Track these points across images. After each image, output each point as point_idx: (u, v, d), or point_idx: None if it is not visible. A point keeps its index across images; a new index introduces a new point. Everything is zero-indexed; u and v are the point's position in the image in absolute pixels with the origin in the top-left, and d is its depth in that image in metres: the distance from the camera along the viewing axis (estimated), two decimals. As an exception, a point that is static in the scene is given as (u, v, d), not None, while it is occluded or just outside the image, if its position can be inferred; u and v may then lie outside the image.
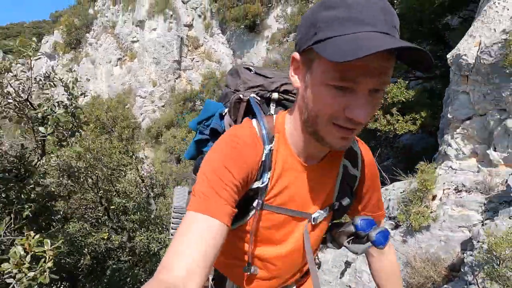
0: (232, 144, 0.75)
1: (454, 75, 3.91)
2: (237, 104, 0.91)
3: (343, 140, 0.67)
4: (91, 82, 37.99)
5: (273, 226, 0.85)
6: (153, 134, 22.05)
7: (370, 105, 0.61)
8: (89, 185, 3.56)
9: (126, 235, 4.07)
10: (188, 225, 0.63)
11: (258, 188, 0.78)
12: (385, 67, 0.58)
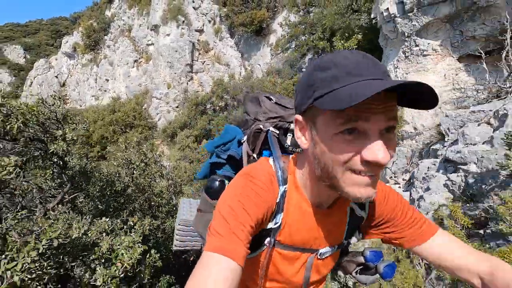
0: (250, 185, 0.77)
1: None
2: (257, 134, 0.98)
3: (366, 188, 0.64)
4: (110, 82, 40.71)
5: (283, 262, 0.88)
6: (168, 134, 24.51)
7: (385, 144, 0.61)
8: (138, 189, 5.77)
9: (160, 221, 6.35)
10: (207, 266, 0.64)
11: (271, 228, 0.81)
12: (390, 106, 0.60)
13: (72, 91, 50.50)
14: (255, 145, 0.99)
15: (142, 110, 29.66)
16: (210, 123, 20.99)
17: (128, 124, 27.10)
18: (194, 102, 22.41)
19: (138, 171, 4.41)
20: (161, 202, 6.28)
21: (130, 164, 4.32)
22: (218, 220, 0.71)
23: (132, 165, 4.32)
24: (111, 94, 38.94)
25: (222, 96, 21.97)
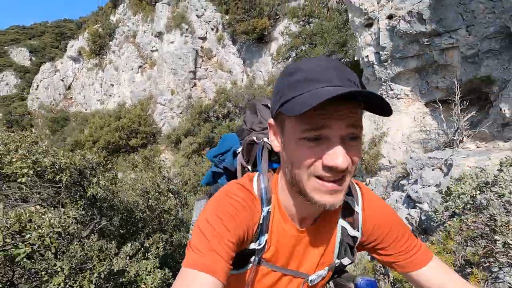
0: (228, 202, 0.76)
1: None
2: (250, 146, 0.97)
3: (331, 196, 0.65)
4: (115, 87, 41.63)
5: (269, 283, 0.85)
6: (172, 140, 25.32)
7: (347, 150, 0.62)
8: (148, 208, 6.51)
9: (168, 234, 7.10)
10: (185, 282, 0.64)
11: (254, 249, 0.80)
12: (350, 113, 0.61)
13: (77, 94, 51.53)
14: (249, 157, 0.98)
15: (147, 116, 30.48)
16: (213, 131, 21.76)
17: (134, 130, 27.93)
18: (197, 111, 23.18)
19: (153, 200, 5.17)
20: (169, 218, 7.03)
21: (146, 194, 5.08)
22: (198, 237, 0.71)
23: (148, 195, 5.08)
24: (116, 99, 39.88)
25: (225, 105, 22.71)
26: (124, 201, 4.72)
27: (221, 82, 31.27)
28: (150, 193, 5.13)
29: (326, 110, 0.59)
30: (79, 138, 30.67)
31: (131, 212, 4.68)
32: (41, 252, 2.35)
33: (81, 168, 3.54)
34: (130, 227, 4.70)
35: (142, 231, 4.87)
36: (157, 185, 5.37)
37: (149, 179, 5.40)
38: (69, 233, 2.59)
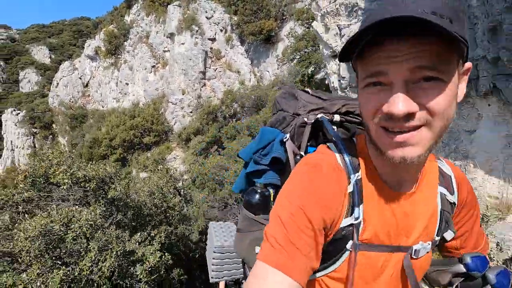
0: (309, 177, 0.67)
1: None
2: (302, 128, 0.87)
3: (398, 147, 0.57)
4: (130, 86, 43.62)
5: (372, 269, 0.70)
6: (183, 138, 26.85)
7: (417, 96, 0.54)
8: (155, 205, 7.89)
9: (173, 227, 8.46)
10: (256, 280, 0.58)
11: (351, 225, 0.67)
12: (417, 51, 0.52)
13: (94, 92, 54.08)
14: (300, 142, 0.88)
15: (160, 115, 32.16)
16: (220, 130, 23.09)
17: (147, 128, 29.65)
18: (206, 111, 24.56)
19: (157, 200, 6.50)
20: (174, 213, 8.38)
21: (152, 195, 6.40)
22: (275, 224, 0.62)
23: (153, 195, 6.39)
24: (131, 97, 41.92)
25: (232, 105, 23.98)
26: (135, 200, 6.04)
27: (229, 82, 32.51)
28: (154, 194, 6.47)
29: (384, 49, 0.53)
30: (97, 135, 32.76)
31: (140, 208, 6.00)
32: (80, 237, 3.66)
33: (103, 177, 4.85)
34: (140, 220, 6.04)
35: (149, 223, 6.21)
36: (161, 188, 6.68)
37: (153, 183, 6.71)
38: (96, 225, 3.88)
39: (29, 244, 3.21)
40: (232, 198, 11.35)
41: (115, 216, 5.30)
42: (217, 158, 16.22)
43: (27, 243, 3.21)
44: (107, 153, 30.33)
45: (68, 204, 4.87)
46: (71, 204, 4.92)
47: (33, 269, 3.20)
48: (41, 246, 3.30)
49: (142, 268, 4.18)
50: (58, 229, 3.42)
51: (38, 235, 3.27)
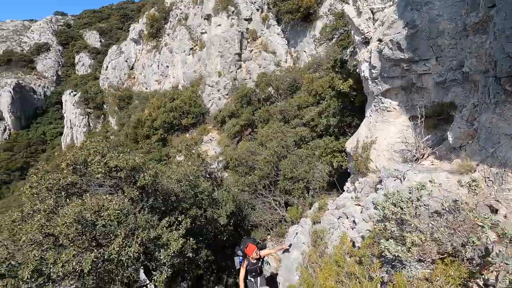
0: None
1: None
2: None
3: None
4: (170, 68, 45.18)
5: None
6: (218, 121, 27.47)
7: None
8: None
9: (202, 210, 8.92)
10: None
11: None
12: None
13: (139, 74, 57.09)
14: None
15: (197, 97, 33.07)
16: (253, 113, 23.15)
17: (185, 110, 30.78)
18: (240, 94, 24.67)
19: (185, 186, 6.87)
20: (204, 197, 8.78)
21: (179, 182, 6.78)
22: None
23: (180, 183, 6.77)
24: (171, 80, 43.54)
25: (265, 89, 23.74)
26: (164, 186, 6.46)
27: (265, 63, 32.01)
28: (181, 182, 6.83)
29: None
30: (141, 116, 34.89)
31: (169, 194, 6.42)
32: (109, 223, 4.06)
33: (133, 166, 5.24)
34: (168, 205, 6.47)
35: (177, 209, 6.62)
36: (188, 176, 7.02)
37: (181, 172, 7.08)
38: (124, 213, 4.27)
39: (65, 229, 3.68)
40: (260, 184, 11.56)
41: (146, 202, 5.73)
42: (247, 144, 16.41)
43: (64, 228, 3.68)
44: (150, 133, 32.29)
45: (104, 189, 5.38)
46: (106, 189, 5.43)
47: (70, 251, 3.68)
48: (76, 231, 3.77)
49: (165, 253, 4.55)
50: (90, 216, 3.84)
51: (72, 222, 3.72)
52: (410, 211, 3.31)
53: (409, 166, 4.53)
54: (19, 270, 3.60)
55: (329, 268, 3.61)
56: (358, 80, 7.58)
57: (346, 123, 10.84)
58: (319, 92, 15.75)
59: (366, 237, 4.06)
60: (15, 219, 4.37)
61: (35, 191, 5.01)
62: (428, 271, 3.14)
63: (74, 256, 3.67)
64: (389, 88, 5.43)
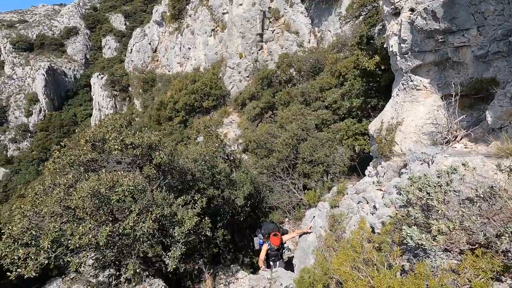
0: None
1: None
2: None
3: None
4: (191, 50, 45.11)
5: None
6: (239, 103, 27.30)
7: None
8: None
9: (220, 191, 8.95)
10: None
11: None
12: None
13: (162, 57, 57.66)
14: None
15: (218, 79, 32.93)
16: (274, 96, 22.68)
17: (206, 93, 30.82)
18: (261, 76, 24.18)
19: (201, 166, 6.85)
20: (221, 177, 8.78)
21: (196, 162, 6.76)
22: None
23: (197, 162, 6.75)
24: (193, 62, 43.56)
25: (288, 70, 23.06)
26: (180, 165, 6.46)
27: (287, 44, 30.97)
28: (198, 161, 6.81)
29: None
30: (163, 99, 35.49)
31: (185, 173, 6.42)
32: (123, 199, 4.10)
33: (149, 144, 5.24)
34: (185, 184, 6.50)
35: (193, 188, 6.64)
36: (204, 155, 6.98)
37: (197, 151, 7.05)
38: (139, 189, 4.29)
39: (81, 202, 3.76)
40: (279, 166, 11.40)
41: (162, 180, 5.76)
42: (267, 126, 16.17)
43: (80, 202, 3.76)
44: (172, 115, 32.84)
45: (121, 166, 5.45)
46: (124, 167, 5.50)
47: (86, 223, 3.77)
48: (93, 205, 3.84)
49: (180, 230, 4.57)
50: (104, 191, 3.89)
51: (88, 196, 3.79)
52: (438, 196, 3.01)
53: (438, 149, 4.15)
54: (40, 240, 3.76)
55: (345, 253, 3.43)
56: (385, 57, 7.03)
57: (370, 104, 10.27)
58: (342, 73, 15.02)
59: (387, 223, 3.81)
60: (37, 192, 4.57)
61: (57, 166, 5.17)
62: (455, 262, 2.88)
63: (90, 229, 3.76)
64: (420, 64, 4.94)
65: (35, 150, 65.45)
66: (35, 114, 71.25)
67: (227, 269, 6.70)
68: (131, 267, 4.27)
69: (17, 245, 3.74)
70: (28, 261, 3.64)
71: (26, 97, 71.97)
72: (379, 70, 8.33)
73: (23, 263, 3.63)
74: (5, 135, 68.17)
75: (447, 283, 2.66)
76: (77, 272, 4.38)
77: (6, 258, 3.63)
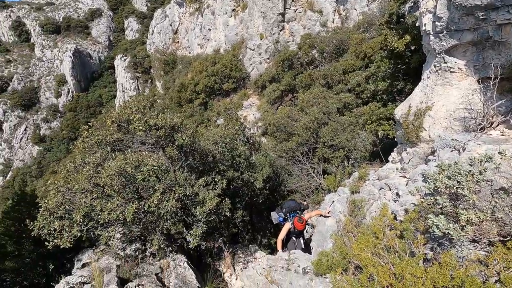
0: None
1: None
2: None
3: None
4: (212, 31, 44.65)
5: None
6: (259, 86, 27.02)
7: None
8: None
9: (239, 173, 9.07)
10: None
11: None
12: None
13: (182, 38, 57.56)
14: None
15: (238, 61, 32.57)
16: (295, 78, 22.20)
17: (226, 75, 30.69)
18: (282, 58, 23.62)
19: (221, 148, 6.94)
20: (241, 160, 8.88)
21: (217, 144, 6.85)
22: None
23: (217, 144, 6.83)
24: (213, 43, 43.22)
25: (310, 51, 22.35)
26: (201, 147, 6.57)
27: (310, 24, 29.82)
28: (218, 144, 6.89)
29: None
30: (184, 81, 35.76)
31: (206, 155, 6.54)
32: (148, 178, 4.25)
33: (171, 125, 5.34)
34: (206, 166, 6.62)
35: (214, 169, 6.76)
36: (224, 138, 7.04)
37: (218, 134, 7.11)
38: (162, 169, 4.42)
39: (109, 180, 3.95)
40: (298, 150, 11.31)
41: (184, 161, 5.90)
42: (287, 109, 15.94)
43: (108, 180, 3.95)
44: (192, 97, 33.16)
45: (146, 147, 5.62)
46: (148, 147, 5.67)
47: (114, 200, 3.97)
48: (120, 183, 4.03)
49: (201, 210, 4.71)
50: (130, 170, 4.04)
51: (115, 174, 3.96)
52: (469, 185, 2.87)
53: (471, 136, 3.91)
54: (73, 213, 4.01)
55: (366, 239, 3.40)
56: (416, 37, 6.59)
57: (396, 88, 9.80)
58: (368, 55, 14.33)
59: (411, 211, 3.71)
60: (69, 169, 4.84)
61: (86, 145, 5.41)
62: (483, 253, 2.77)
63: (118, 206, 3.96)
64: (456, 44, 4.58)
65: (65, 129, 69.00)
66: (64, 95, 74.51)
67: (246, 249, 6.89)
68: (156, 242, 4.49)
69: (53, 218, 4.03)
70: (63, 233, 3.92)
71: (55, 79, 75.14)
72: (408, 51, 7.85)
73: (58, 235, 3.92)
74: (37, 115, 72.15)
75: (474, 274, 2.58)
76: (106, 245, 4.66)
77: (44, 229, 3.94)
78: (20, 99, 70.69)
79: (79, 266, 5.32)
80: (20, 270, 8.97)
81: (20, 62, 78.90)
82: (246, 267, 6.03)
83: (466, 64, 4.68)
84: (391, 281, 2.53)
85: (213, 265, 5.99)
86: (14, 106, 70.91)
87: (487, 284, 2.49)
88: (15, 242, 9.01)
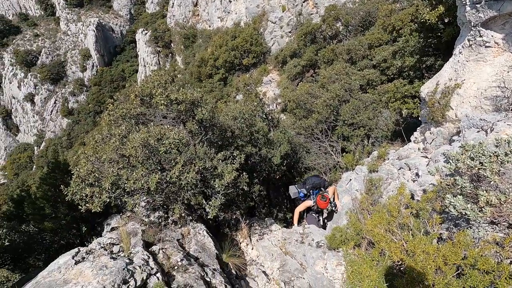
0: None
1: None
2: None
3: None
4: (232, 3, 43.29)
5: None
6: (279, 61, 26.38)
7: None
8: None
9: (257, 149, 9.19)
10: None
11: None
12: None
13: (202, 11, 56.33)
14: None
15: (258, 35, 31.70)
16: (317, 53, 21.41)
17: (246, 49, 30.09)
18: (304, 31, 22.69)
19: (240, 124, 7.01)
20: (259, 136, 8.96)
21: (236, 120, 6.92)
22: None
23: (236, 120, 6.90)
24: (233, 16, 42.04)
25: (334, 24, 21.27)
26: (221, 122, 6.68)
27: (330, 6, 28.11)
28: (237, 119, 6.96)
29: None
30: (204, 55, 35.47)
31: (225, 130, 6.65)
32: (170, 150, 4.44)
33: (192, 100, 5.45)
34: (224, 141, 6.77)
35: (232, 144, 6.90)
36: (243, 113, 7.09)
37: (237, 109, 7.16)
38: (183, 141, 4.59)
39: (134, 152, 4.18)
40: (317, 128, 11.20)
41: (204, 136, 6.05)
42: (307, 85, 15.57)
43: (133, 151, 4.17)
44: (212, 72, 33.02)
45: (167, 121, 5.81)
46: (169, 121, 5.85)
47: (139, 170, 4.21)
48: (144, 155, 4.25)
49: (220, 182, 4.90)
50: (153, 143, 4.23)
51: (139, 146, 4.17)
52: (492, 167, 2.78)
53: (502, 116, 3.71)
54: (102, 181, 4.32)
55: (380, 216, 3.44)
56: (451, 8, 6.09)
57: (425, 64, 9.26)
58: (396, 28, 13.47)
59: (429, 191, 3.67)
60: (97, 140, 5.13)
61: (112, 118, 5.66)
62: (501, 235, 2.75)
63: (142, 176, 4.20)
64: (495, 15, 4.22)
65: (91, 103, 71.69)
66: (89, 69, 76.61)
67: (262, 221, 7.15)
68: (177, 211, 4.77)
69: (84, 184, 4.37)
70: (94, 198, 4.26)
71: (80, 53, 77.02)
72: (441, 24, 7.30)
73: (90, 200, 4.27)
74: (65, 89, 75.14)
75: (489, 255, 2.58)
76: (132, 212, 5.01)
77: (77, 194, 4.30)
78: (49, 73, 73.56)
79: (108, 229, 5.77)
80: (57, 230, 9.89)
81: (47, 36, 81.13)
82: (262, 238, 6.29)
83: (504, 38, 4.33)
84: (402, 256, 2.60)
85: (231, 235, 6.30)
86: (44, 80, 74.04)
87: (501, 264, 2.50)
88: (52, 206, 9.87)
